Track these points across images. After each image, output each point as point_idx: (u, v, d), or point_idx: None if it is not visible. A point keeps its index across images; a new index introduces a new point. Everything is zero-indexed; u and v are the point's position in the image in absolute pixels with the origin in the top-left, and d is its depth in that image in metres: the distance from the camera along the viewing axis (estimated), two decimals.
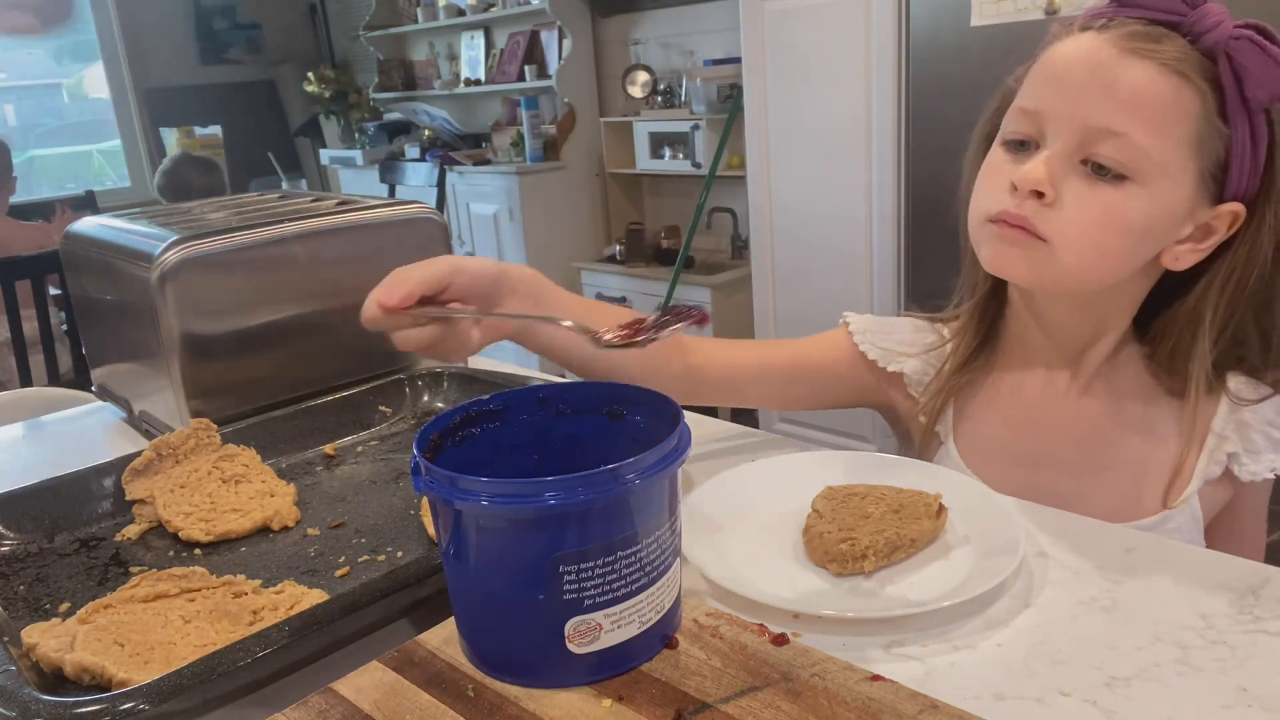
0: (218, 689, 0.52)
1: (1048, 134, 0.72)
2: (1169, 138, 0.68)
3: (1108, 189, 0.70)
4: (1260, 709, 0.49)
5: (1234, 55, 0.66)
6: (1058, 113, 0.71)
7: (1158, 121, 0.68)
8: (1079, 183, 0.70)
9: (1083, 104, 0.70)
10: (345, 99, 4.99)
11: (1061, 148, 0.71)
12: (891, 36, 2.36)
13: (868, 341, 0.89)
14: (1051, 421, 0.83)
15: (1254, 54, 0.66)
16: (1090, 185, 0.70)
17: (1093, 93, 0.69)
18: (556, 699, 0.50)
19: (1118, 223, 0.70)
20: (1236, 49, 0.66)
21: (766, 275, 2.87)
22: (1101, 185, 0.70)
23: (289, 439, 0.92)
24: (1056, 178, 0.70)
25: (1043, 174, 0.70)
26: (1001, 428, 0.85)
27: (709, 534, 0.68)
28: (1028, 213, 0.72)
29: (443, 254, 1.08)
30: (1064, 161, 0.71)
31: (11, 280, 2.24)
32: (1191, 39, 0.68)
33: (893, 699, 0.48)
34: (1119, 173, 0.69)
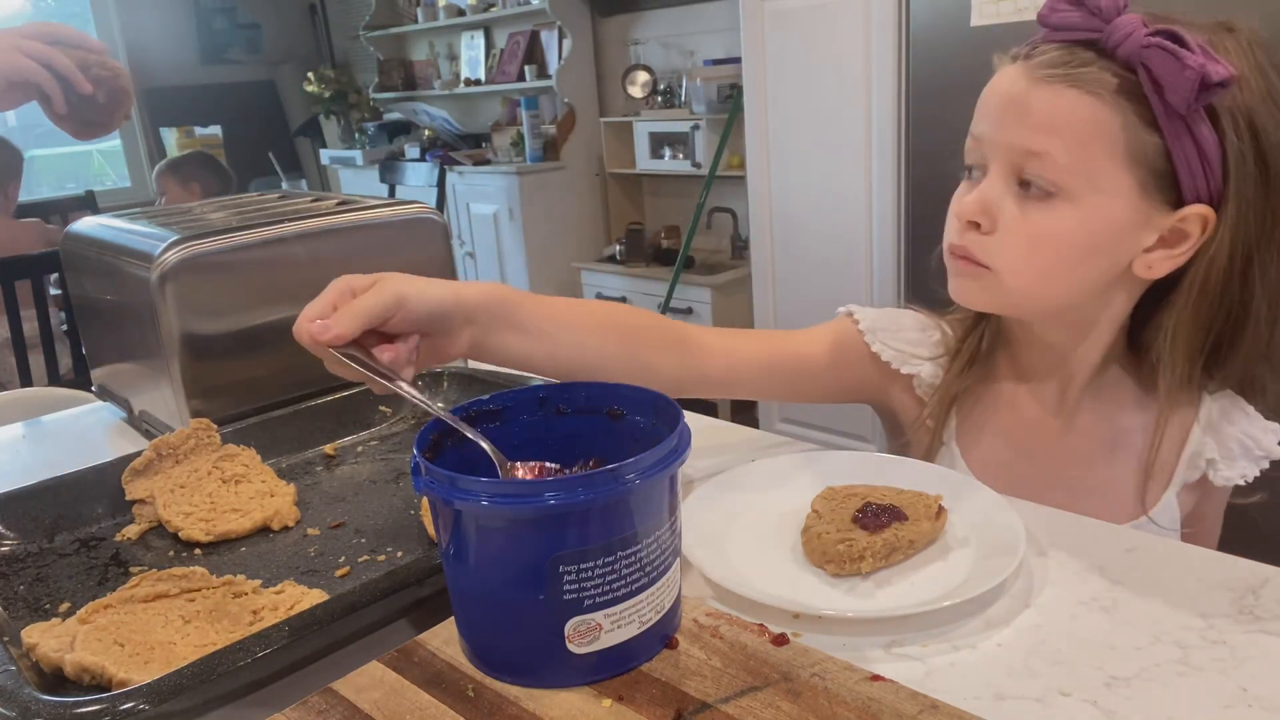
0: (218, 689, 0.52)
1: (987, 159, 0.75)
2: (1089, 154, 0.69)
3: (1037, 209, 0.72)
4: (1260, 709, 0.49)
5: (1148, 64, 0.66)
6: (989, 140, 0.74)
7: (1074, 139, 0.70)
8: (1013, 207, 0.73)
9: (1005, 130, 0.73)
10: (345, 99, 4.99)
11: (996, 172, 0.74)
12: (891, 36, 2.36)
13: (879, 341, 0.87)
14: (1043, 439, 0.84)
15: (1165, 61, 0.65)
16: (1022, 208, 0.72)
17: (1010, 119, 0.72)
18: (556, 699, 0.50)
19: (1051, 241, 0.72)
20: (1149, 58, 0.66)
21: (766, 275, 2.87)
22: (1031, 206, 0.72)
23: (289, 439, 0.92)
24: (991, 206, 0.73)
25: (975, 206, 0.74)
26: (996, 439, 0.86)
27: (709, 534, 0.68)
28: (968, 244, 0.75)
29: (443, 254, 1.09)
30: (1001, 187, 0.73)
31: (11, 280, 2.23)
32: (1109, 54, 0.69)
33: (893, 699, 0.48)
34: (1047, 190, 0.71)
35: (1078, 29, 0.70)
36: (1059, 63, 0.70)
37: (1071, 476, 0.82)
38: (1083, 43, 0.70)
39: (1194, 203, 0.71)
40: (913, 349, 0.88)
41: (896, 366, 0.87)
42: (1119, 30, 0.68)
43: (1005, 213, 0.73)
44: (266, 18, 5.24)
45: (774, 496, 0.74)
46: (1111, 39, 0.68)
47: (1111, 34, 0.68)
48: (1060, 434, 0.83)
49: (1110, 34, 0.68)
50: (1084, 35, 0.70)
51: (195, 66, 5.03)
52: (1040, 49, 0.72)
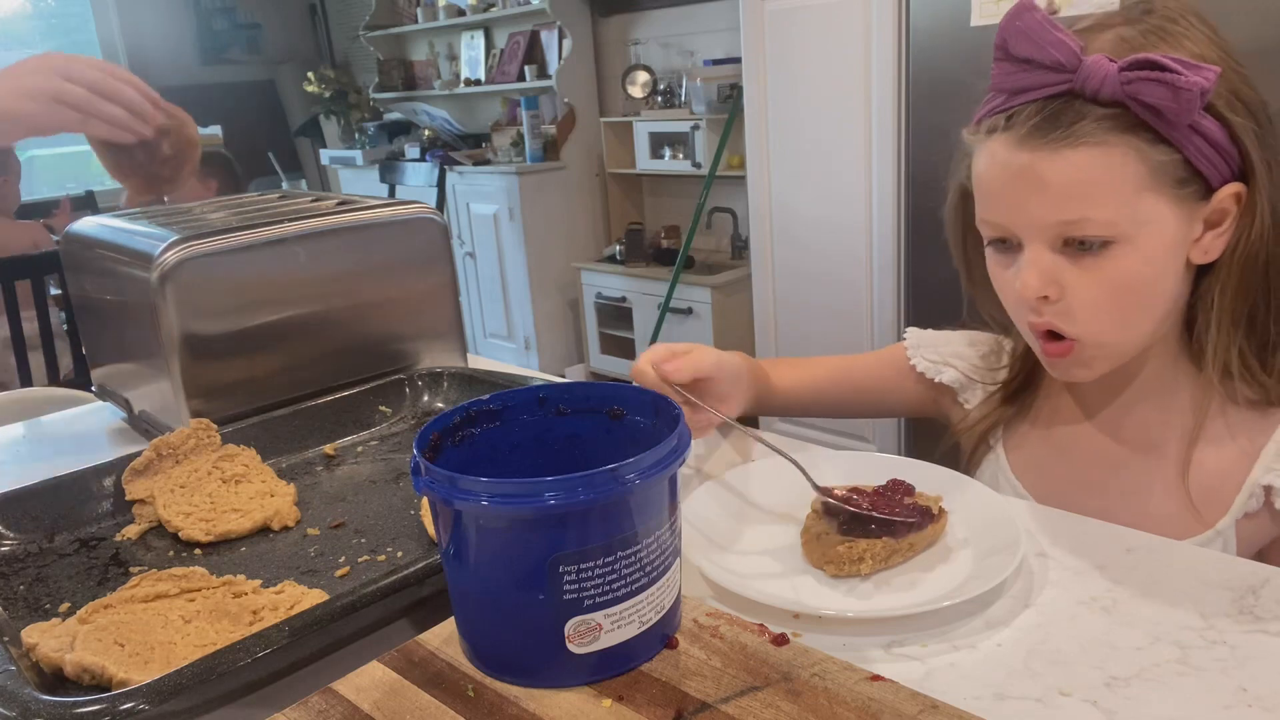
0: (218, 689, 0.52)
1: (1019, 236, 0.73)
2: (1123, 199, 0.68)
3: (1100, 263, 0.70)
4: (1260, 709, 0.49)
5: (1138, 97, 0.65)
6: (1014, 223, 0.72)
7: (1104, 195, 0.68)
8: (1073, 269, 0.71)
9: (1028, 211, 0.71)
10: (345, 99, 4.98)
11: (1039, 247, 0.71)
12: (891, 36, 2.36)
13: (918, 355, 0.94)
14: (1086, 443, 0.83)
15: (1154, 89, 0.64)
16: (1083, 267, 0.71)
17: (1031, 199, 0.70)
18: (556, 699, 0.50)
19: (1125, 287, 0.71)
20: (1136, 91, 0.65)
21: (766, 275, 2.87)
22: (1092, 262, 0.70)
23: (289, 439, 0.92)
24: (1050, 273, 0.71)
25: (1037, 282, 0.71)
26: (1040, 442, 0.85)
27: (709, 534, 0.68)
28: (1051, 318, 0.73)
29: (443, 254, 1.09)
30: (1049, 255, 0.71)
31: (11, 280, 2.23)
32: (1089, 98, 0.67)
33: (893, 699, 0.48)
34: (1102, 241, 0.69)
35: (1043, 86, 0.68)
36: (1047, 127, 0.68)
37: (1114, 483, 0.80)
38: (1056, 96, 0.68)
39: (1221, 185, 0.70)
40: (944, 359, 0.92)
41: (931, 376, 0.92)
42: (1093, 77, 0.66)
43: (1069, 276, 0.71)
44: (266, 18, 5.24)
45: (774, 496, 0.74)
46: (1088, 87, 0.66)
47: (1086, 82, 0.66)
48: (1105, 438, 0.82)
49: (1084, 82, 0.66)
50: (1053, 90, 0.68)
51: (195, 66, 5.03)
52: (1016, 114, 0.70)
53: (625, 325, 3.71)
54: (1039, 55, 0.67)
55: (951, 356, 0.92)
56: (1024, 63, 0.68)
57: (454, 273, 1.11)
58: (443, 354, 1.10)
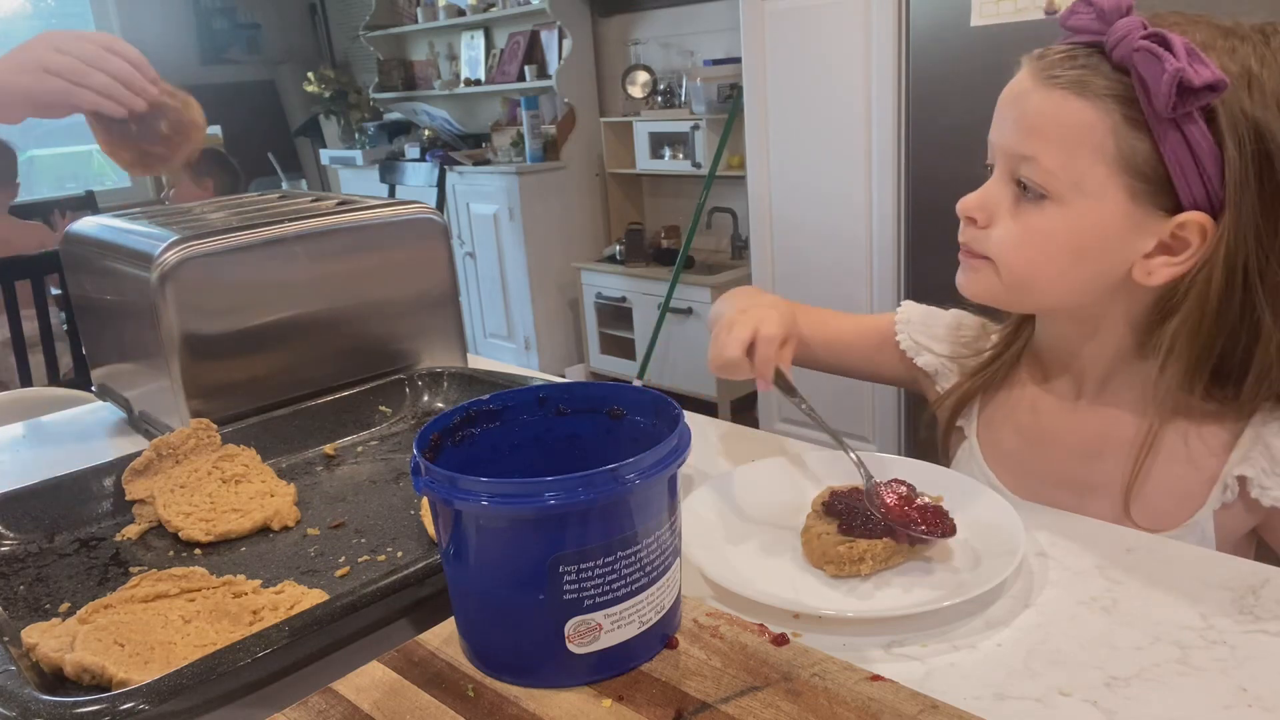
0: (218, 689, 0.52)
1: (995, 160, 0.77)
2: (1077, 157, 0.70)
3: (1030, 209, 0.73)
4: (1260, 709, 0.49)
5: (1136, 67, 0.66)
6: (995, 142, 0.76)
7: (1061, 142, 0.70)
8: (1010, 206, 0.75)
9: (1004, 133, 0.75)
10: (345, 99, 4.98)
11: (998, 173, 0.76)
12: (891, 36, 2.36)
13: (905, 332, 0.95)
14: (1054, 434, 0.83)
15: (1149, 64, 0.65)
16: (1017, 207, 0.74)
17: (1009, 122, 0.74)
18: (556, 699, 0.50)
19: (1038, 240, 0.73)
20: (1137, 60, 0.66)
21: (766, 275, 2.87)
22: (1025, 206, 0.74)
23: (289, 439, 0.92)
24: (989, 203, 0.75)
25: (974, 202, 0.76)
26: (1014, 437, 0.86)
27: (709, 534, 0.68)
28: (967, 239, 0.78)
29: (443, 254, 1.09)
30: (1001, 186, 0.75)
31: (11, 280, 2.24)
32: (1106, 55, 0.69)
33: (893, 699, 0.48)
34: (1039, 193, 0.72)
35: (1087, 31, 0.70)
36: (1061, 65, 0.71)
37: (1074, 472, 0.81)
38: (1090, 45, 0.70)
39: (1192, 209, 0.68)
40: (927, 341, 0.94)
41: (911, 356, 0.94)
42: (1116, 32, 0.68)
43: (1001, 210, 0.75)
44: (266, 18, 5.23)
45: (774, 496, 0.74)
46: (1109, 40, 0.68)
47: (1110, 35, 0.68)
48: (1072, 430, 0.82)
49: (1110, 35, 0.68)
50: (1091, 38, 0.70)
51: (195, 66, 5.02)
52: (1052, 50, 0.73)
53: (625, 325, 3.71)
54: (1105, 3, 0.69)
55: (934, 340, 0.94)
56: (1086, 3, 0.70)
57: (454, 273, 1.11)
58: (443, 354, 1.10)
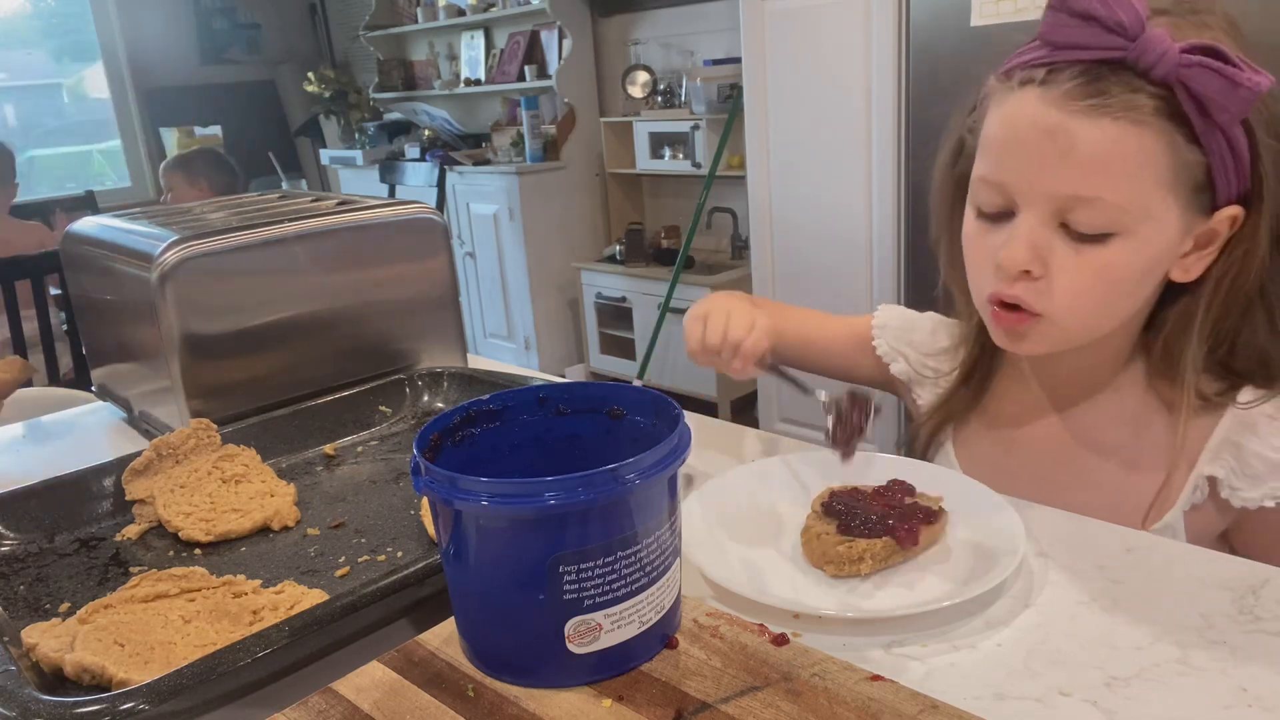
0: (218, 689, 0.52)
1: (1018, 203, 0.69)
2: (1142, 187, 0.66)
3: (1094, 250, 0.68)
4: (1260, 709, 0.49)
5: (1189, 84, 0.62)
6: (1022, 184, 0.68)
7: (1127, 177, 0.65)
8: (1065, 248, 0.68)
9: (1044, 175, 0.67)
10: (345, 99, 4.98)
11: (1036, 218, 0.68)
12: (891, 36, 2.36)
13: (881, 337, 0.93)
14: (1039, 443, 0.83)
15: (1211, 79, 0.61)
16: (1076, 250, 0.68)
17: (1051, 162, 0.66)
18: (556, 699, 0.50)
19: (1111, 279, 0.69)
20: (1191, 77, 0.62)
21: (766, 275, 2.87)
22: (1087, 248, 0.68)
23: (289, 439, 0.92)
24: (1040, 250, 0.68)
25: (1024, 255, 0.68)
26: (994, 444, 0.85)
27: (709, 534, 0.68)
28: (1020, 293, 0.70)
29: (443, 254, 1.09)
30: (1044, 230, 0.68)
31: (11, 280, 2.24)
32: (1139, 73, 0.64)
33: (893, 699, 0.48)
34: (1102, 232, 0.67)
35: (1094, 47, 0.64)
36: (1091, 91, 0.64)
37: (1058, 477, 0.81)
38: (1103, 61, 0.64)
39: (1225, 204, 0.68)
40: (903, 347, 0.92)
41: (887, 362, 0.93)
42: (1151, 50, 0.62)
43: (1057, 255, 0.68)
44: (266, 18, 5.23)
45: (774, 496, 0.74)
46: (1144, 59, 0.63)
47: (1142, 54, 0.63)
48: (1050, 433, 0.82)
49: (1141, 53, 0.63)
50: (1103, 54, 0.64)
51: (195, 66, 5.02)
52: (1057, 72, 0.66)
53: (625, 325, 3.71)
54: (1102, 12, 0.63)
55: (910, 346, 0.91)
56: (1083, 17, 0.64)
57: (454, 273, 1.11)
58: (443, 354, 1.10)
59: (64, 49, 4.84)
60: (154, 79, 4.86)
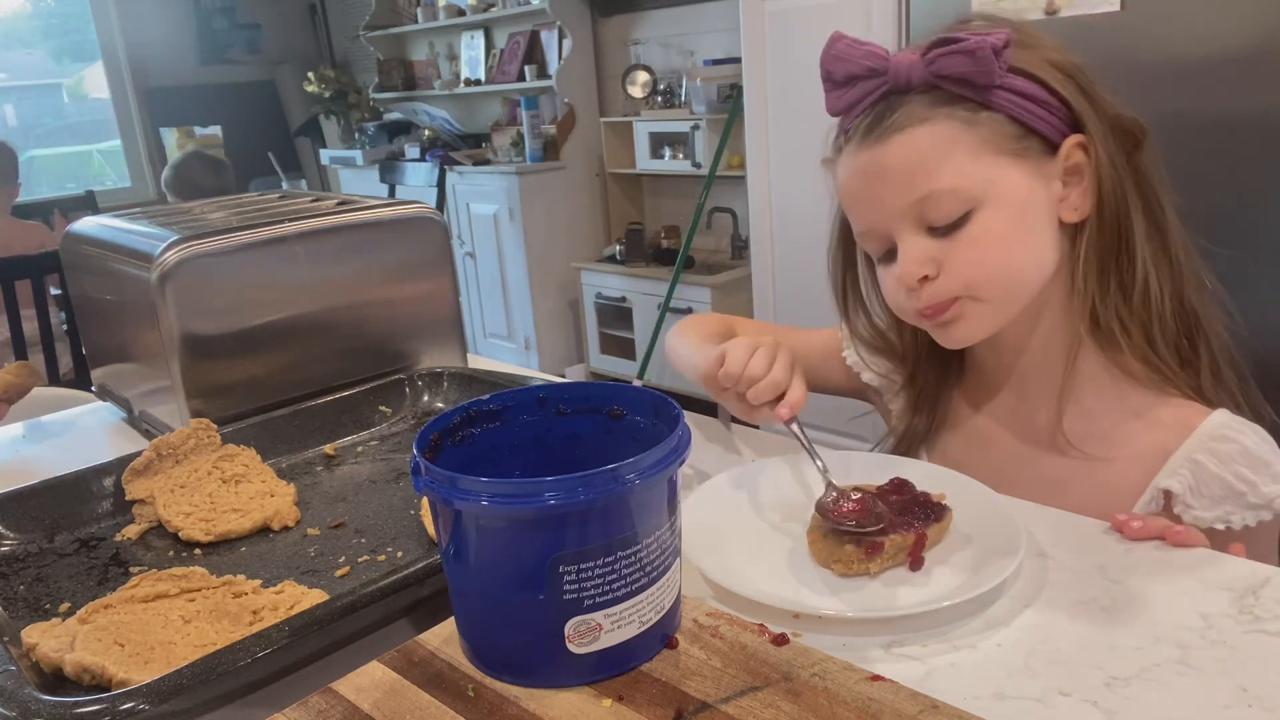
0: (218, 689, 0.52)
1: (888, 234, 0.77)
2: (961, 165, 0.72)
3: (964, 231, 0.74)
4: (1260, 709, 0.49)
5: (943, 73, 0.71)
6: (877, 219, 0.77)
7: (940, 164, 0.72)
8: (942, 244, 0.74)
9: (884, 202, 0.75)
10: (345, 99, 4.98)
11: (906, 236, 0.75)
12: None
13: (850, 349, 0.95)
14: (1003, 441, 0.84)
15: (955, 60, 0.70)
16: (951, 240, 0.74)
17: (880, 190, 0.75)
18: (556, 699, 0.50)
19: (991, 242, 0.74)
20: (940, 68, 0.71)
21: (766, 275, 2.87)
22: (958, 234, 0.74)
23: (289, 439, 0.92)
24: (925, 254, 0.75)
25: (915, 265, 0.75)
26: (964, 450, 0.86)
27: (709, 534, 0.68)
28: (929, 297, 0.76)
29: (443, 254, 1.09)
30: (919, 240, 0.75)
31: (11, 280, 2.24)
32: (905, 91, 0.73)
33: (893, 699, 0.48)
34: (959, 216, 0.73)
35: (867, 96, 0.74)
36: (875, 125, 0.74)
37: (1028, 477, 0.81)
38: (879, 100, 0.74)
39: (1062, 140, 0.73)
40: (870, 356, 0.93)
41: (857, 372, 0.94)
42: (901, 69, 0.72)
43: (940, 251, 0.75)
44: (266, 18, 5.23)
45: (774, 496, 0.74)
46: (899, 79, 0.73)
47: (897, 76, 0.73)
48: (1017, 435, 0.83)
49: (896, 77, 0.73)
50: (874, 95, 0.74)
51: (195, 66, 5.03)
52: (853, 128, 0.76)
53: (625, 325, 3.71)
54: (855, 70, 0.75)
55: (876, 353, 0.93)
56: (845, 82, 0.76)
57: (454, 273, 1.11)
58: (443, 354, 1.10)
59: (64, 49, 4.84)
60: (154, 79, 4.86)
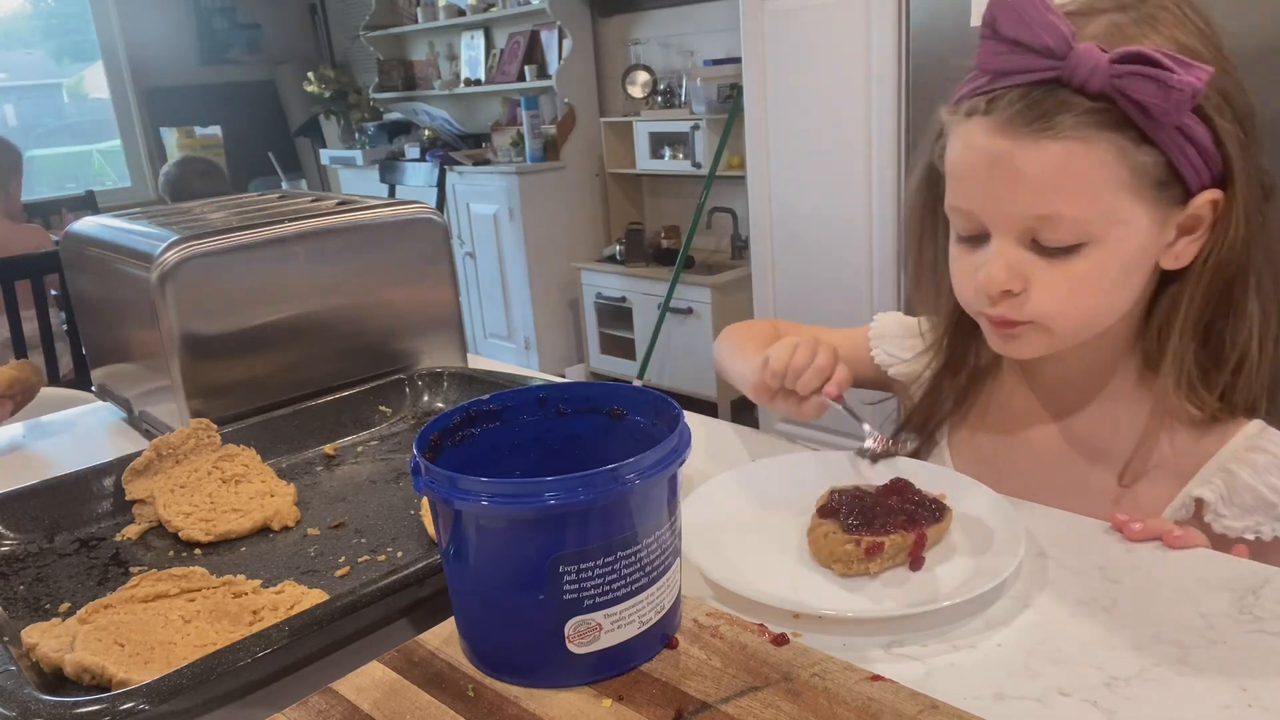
0: (218, 689, 0.52)
1: (988, 228, 0.71)
2: (1100, 197, 0.67)
3: (1068, 261, 0.69)
4: (1260, 709, 0.49)
5: (1125, 92, 0.63)
6: (985, 211, 0.71)
7: (1081, 191, 0.66)
8: (1040, 263, 0.70)
9: (1002, 201, 0.69)
10: (345, 99, 4.98)
11: (1007, 240, 0.70)
12: (891, 36, 2.36)
13: (879, 347, 0.94)
14: (1036, 443, 0.82)
15: (1145, 85, 0.62)
16: (1050, 264, 0.69)
17: (1005, 189, 0.68)
18: (556, 699, 0.50)
19: (1090, 285, 0.70)
20: (1125, 86, 0.62)
21: (766, 275, 2.87)
22: (1060, 261, 0.69)
23: (289, 439, 0.92)
24: (1016, 268, 0.70)
25: (1002, 276, 0.70)
26: (990, 442, 0.85)
27: (709, 534, 0.68)
28: (1004, 311, 0.72)
29: (443, 254, 1.09)
30: (1017, 250, 0.70)
31: (11, 280, 2.23)
32: (1077, 89, 0.64)
33: (893, 699, 0.48)
34: (1071, 244, 0.68)
35: (1028, 70, 0.65)
36: (1030, 116, 0.66)
37: (1056, 482, 0.80)
38: (1041, 82, 0.66)
39: (1200, 190, 0.68)
40: (901, 352, 0.93)
41: (886, 369, 0.93)
42: (1082, 67, 0.63)
43: (1033, 270, 0.70)
44: (266, 18, 5.23)
45: (774, 496, 0.74)
46: (1076, 77, 0.64)
47: (1075, 72, 0.64)
48: (1052, 438, 0.82)
49: (1073, 72, 0.64)
50: (1040, 75, 0.65)
51: (195, 66, 5.02)
52: (998, 98, 0.67)
53: (625, 325, 3.71)
54: (1028, 37, 0.64)
55: (909, 349, 0.92)
56: (1012, 43, 0.65)
57: (454, 273, 1.11)
58: (443, 354, 1.10)
59: (64, 49, 4.84)
60: (154, 79, 4.86)
